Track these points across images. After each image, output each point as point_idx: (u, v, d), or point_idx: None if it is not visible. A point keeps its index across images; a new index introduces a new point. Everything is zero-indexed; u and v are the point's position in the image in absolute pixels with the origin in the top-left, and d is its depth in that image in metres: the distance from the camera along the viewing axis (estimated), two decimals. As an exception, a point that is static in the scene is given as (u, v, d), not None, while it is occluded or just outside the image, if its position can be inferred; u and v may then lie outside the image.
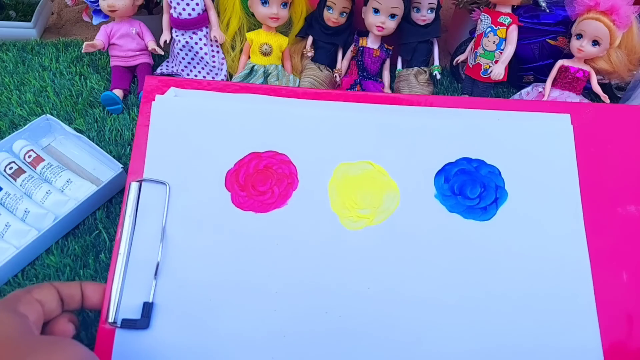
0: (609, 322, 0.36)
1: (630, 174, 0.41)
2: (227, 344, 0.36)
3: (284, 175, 0.41)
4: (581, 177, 0.41)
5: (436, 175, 0.41)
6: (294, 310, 0.37)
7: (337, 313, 0.37)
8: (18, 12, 0.74)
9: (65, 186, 0.49)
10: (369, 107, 0.44)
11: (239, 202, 0.40)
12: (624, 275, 0.38)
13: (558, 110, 0.44)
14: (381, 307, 0.37)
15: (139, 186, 0.40)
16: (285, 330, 0.36)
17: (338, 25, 0.60)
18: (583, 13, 0.52)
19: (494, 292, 0.37)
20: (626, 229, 0.39)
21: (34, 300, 0.31)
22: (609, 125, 0.43)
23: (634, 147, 0.42)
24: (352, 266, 0.38)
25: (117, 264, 0.37)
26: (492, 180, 0.41)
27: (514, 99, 0.59)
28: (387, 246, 0.39)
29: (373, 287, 0.37)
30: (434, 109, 0.44)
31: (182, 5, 0.58)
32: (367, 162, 0.42)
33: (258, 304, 0.37)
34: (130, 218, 0.38)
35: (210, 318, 0.36)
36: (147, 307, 0.36)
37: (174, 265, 0.38)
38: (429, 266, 0.38)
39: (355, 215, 0.40)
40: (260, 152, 0.42)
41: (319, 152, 0.42)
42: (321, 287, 0.37)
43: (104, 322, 0.35)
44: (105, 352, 0.35)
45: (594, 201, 0.40)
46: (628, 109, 0.45)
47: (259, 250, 0.39)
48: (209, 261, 0.38)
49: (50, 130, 0.55)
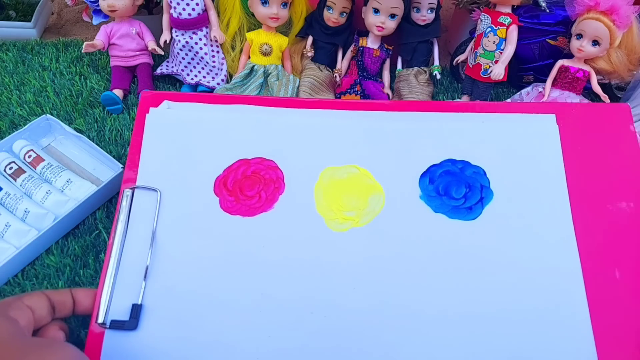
0: (602, 321, 0.36)
1: (618, 171, 0.41)
2: (213, 344, 0.36)
3: (271, 180, 0.42)
4: (568, 176, 0.41)
5: (421, 176, 0.42)
6: (279, 311, 0.37)
7: (323, 313, 0.37)
8: (18, 12, 0.74)
9: (65, 186, 0.49)
10: (354, 113, 0.45)
11: (227, 207, 0.41)
12: (616, 272, 0.38)
13: (543, 110, 0.44)
14: (366, 307, 0.37)
15: (132, 193, 0.41)
16: (270, 330, 0.36)
17: (338, 25, 0.60)
18: (583, 13, 0.52)
19: (481, 291, 0.37)
20: (617, 226, 0.39)
21: (25, 307, 0.32)
22: (594, 124, 0.43)
23: (619, 144, 0.42)
24: (337, 267, 0.38)
25: (109, 267, 0.38)
26: (477, 181, 0.42)
27: (506, 101, 0.59)
28: (373, 247, 0.39)
29: (358, 288, 0.38)
30: (418, 114, 0.45)
31: (182, 5, 0.58)
32: (353, 165, 0.43)
33: (244, 305, 0.37)
34: (123, 223, 0.40)
35: (197, 319, 0.37)
36: (136, 309, 0.37)
37: (163, 268, 0.39)
38: (415, 266, 0.38)
39: (341, 217, 0.41)
40: (248, 158, 0.43)
41: (306, 157, 0.43)
42: (307, 287, 0.38)
43: (94, 323, 0.36)
44: (94, 352, 0.35)
45: (583, 199, 0.40)
46: (612, 107, 0.45)
47: (245, 252, 0.39)
48: (197, 264, 0.39)
49: (50, 130, 0.55)
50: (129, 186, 0.41)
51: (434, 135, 0.44)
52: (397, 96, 0.61)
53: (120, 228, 0.40)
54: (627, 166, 0.41)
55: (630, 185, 0.41)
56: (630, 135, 0.43)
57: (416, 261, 0.38)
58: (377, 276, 0.38)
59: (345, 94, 0.60)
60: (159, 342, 0.36)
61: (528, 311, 0.36)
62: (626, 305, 0.36)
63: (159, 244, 0.40)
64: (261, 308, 0.37)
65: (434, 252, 0.39)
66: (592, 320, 0.36)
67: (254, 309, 0.37)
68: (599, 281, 0.37)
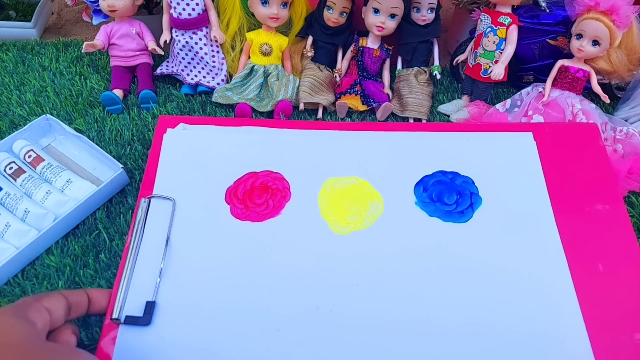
0: (591, 311, 0.39)
1: (591, 179, 0.47)
2: (223, 338, 0.38)
3: (278, 190, 0.46)
4: (548, 183, 0.46)
5: (415, 185, 0.46)
6: (287, 306, 0.39)
7: (328, 308, 0.39)
8: (18, 12, 0.74)
9: (65, 186, 0.49)
10: (354, 133, 0.50)
11: (237, 214, 0.45)
12: (599, 266, 0.41)
13: (520, 129, 0.51)
14: (368, 301, 0.39)
15: (149, 202, 0.45)
16: (279, 324, 0.38)
17: (338, 25, 0.60)
18: (583, 13, 0.52)
19: (474, 287, 0.40)
20: (596, 225, 0.44)
21: (43, 308, 0.32)
22: (567, 140, 0.49)
23: (591, 156, 0.48)
24: (341, 265, 0.41)
25: (125, 267, 0.41)
26: (466, 188, 0.46)
27: (485, 120, 0.60)
28: (374, 247, 0.42)
29: (361, 284, 0.40)
30: (409, 133, 0.50)
31: (182, 5, 0.58)
32: (353, 177, 0.47)
33: (253, 302, 0.39)
34: (139, 228, 0.43)
35: (208, 315, 0.39)
36: (150, 306, 0.39)
37: (176, 269, 0.41)
38: (413, 264, 0.41)
39: (343, 222, 0.44)
40: (256, 171, 0.48)
41: (310, 170, 0.48)
42: (313, 284, 0.40)
43: (109, 319, 0.38)
44: (108, 346, 0.37)
45: (563, 203, 0.45)
46: (582, 125, 0.52)
47: (254, 253, 0.42)
48: (208, 264, 0.42)
49: (50, 130, 0.55)
50: (146, 195, 0.45)
51: (424, 151, 0.49)
52: (397, 96, 0.61)
53: (137, 232, 0.43)
54: (598, 174, 0.47)
55: (604, 190, 0.46)
56: (600, 148, 0.49)
57: (414, 259, 0.42)
58: (378, 273, 0.41)
59: (345, 94, 0.60)
60: (170, 337, 0.38)
61: (520, 303, 0.39)
62: (611, 295, 0.40)
63: (172, 247, 0.43)
64: (270, 303, 0.39)
65: (431, 251, 0.42)
66: (582, 309, 0.39)
67: (263, 305, 0.39)
68: (585, 274, 0.41)
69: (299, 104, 0.59)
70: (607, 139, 0.54)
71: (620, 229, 0.44)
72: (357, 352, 0.37)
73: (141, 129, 0.57)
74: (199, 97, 0.62)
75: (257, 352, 0.37)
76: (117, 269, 0.44)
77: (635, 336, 0.38)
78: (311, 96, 0.59)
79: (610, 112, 0.60)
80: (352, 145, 0.49)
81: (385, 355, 0.37)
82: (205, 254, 0.42)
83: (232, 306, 0.39)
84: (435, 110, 0.61)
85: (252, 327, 0.38)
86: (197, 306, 0.39)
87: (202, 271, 0.41)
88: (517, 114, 0.57)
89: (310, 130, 0.51)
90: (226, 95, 0.59)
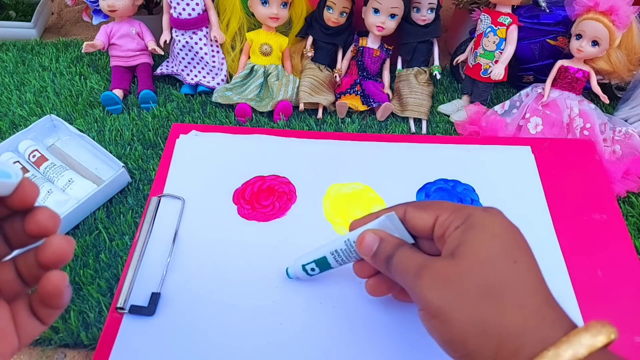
0: (591, 314, 0.40)
1: (588, 190, 0.49)
2: (225, 330, 0.39)
3: (284, 193, 0.48)
4: (547, 194, 0.48)
5: (417, 192, 0.48)
6: (290, 302, 0.40)
7: (331, 304, 0.40)
8: (18, 12, 0.74)
9: (67, 185, 0.49)
10: (359, 143, 0.53)
11: (244, 214, 0.47)
12: (598, 272, 0.43)
13: (519, 143, 0.53)
14: (370, 300, 0.40)
15: (159, 200, 0.47)
16: (282, 318, 0.40)
17: (338, 25, 0.60)
18: (582, 13, 0.52)
19: None
20: (594, 233, 0.45)
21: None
22: (564, 153, 0.52)
23: (587, 169, 0.50)
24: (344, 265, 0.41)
25: (132, 259, 0.42)
26: (467, 195, 0.47)
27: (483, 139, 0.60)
28: None
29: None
30: (412, 144, 0.53)
31: (182, 5, 0.58)
32: (357, 183, 0.49)
33: (256, 297, 0.41)
34: (148, 224, 0.45)
35: (211, 307, 0.40)
36: (155, 297, 0.40)
37: (183, 263, 0.43)
38: None
39: (347, 224, 0.44)
40: (264, 175, 0.50)
41: (315, 175, 0.50)
42: (316, 281, 0.41)
43: (114, 309, 0.40)
44: (111, 334, 0.39)
45: (561, 212, 0.47)
46: (579, 141, 0.53)
47: (259, 251, 0.44)
48: (213, 259, 0.43)
49: (55, 131, 0.56)
50: (157, 194, 0.48)
51: (426, 160, 0.51)
52: (397, 96, 0.61)
53: (146, 228, 0.45)
54: (594, 186, 0.49)
55: (600, 201, 0.48)
56: (596, 162, 0.51)
57: None
58: None
59: (345, 94, 0.60)
60: (173, 328, 0.39)
61: None
62: (611, 299, 0.41)
63: (180, 243, 0.44)
64: (273, 299, 0.41)
65: None
66: (582, 313, 0.40)
67: (266, 300, 0.40)
68: (584, 280, 0.42)
69: (299, 104, 0.59)
70: (606, 140, 0.54)
71: (618, 236, 0.45)
72: (359, 347, 0.38)
73: (141, 129, 0.57)
74: (199, 97, 0.62)
75: (259, 344, 0.38)
76: (117, 269, 0.44)
77: (636, 339, 0.38)
78: (311, 96, 0.59)
79: (610, 112, 0.60)
80: (356, 153, 0.52)
81: (387, 351, 0.38)
82: (211, 249, 0.44)
83: (235, 300, 0.40)
84: (435, 110, 0.61)
85: (254, 320, 0.39)
86: (201, 298, 0.40)
87: (207, 266, 0.42)
88: (515, 116, 0.57)
89: (317, 139, 0.53)
90: (226, 95, 0.59)
